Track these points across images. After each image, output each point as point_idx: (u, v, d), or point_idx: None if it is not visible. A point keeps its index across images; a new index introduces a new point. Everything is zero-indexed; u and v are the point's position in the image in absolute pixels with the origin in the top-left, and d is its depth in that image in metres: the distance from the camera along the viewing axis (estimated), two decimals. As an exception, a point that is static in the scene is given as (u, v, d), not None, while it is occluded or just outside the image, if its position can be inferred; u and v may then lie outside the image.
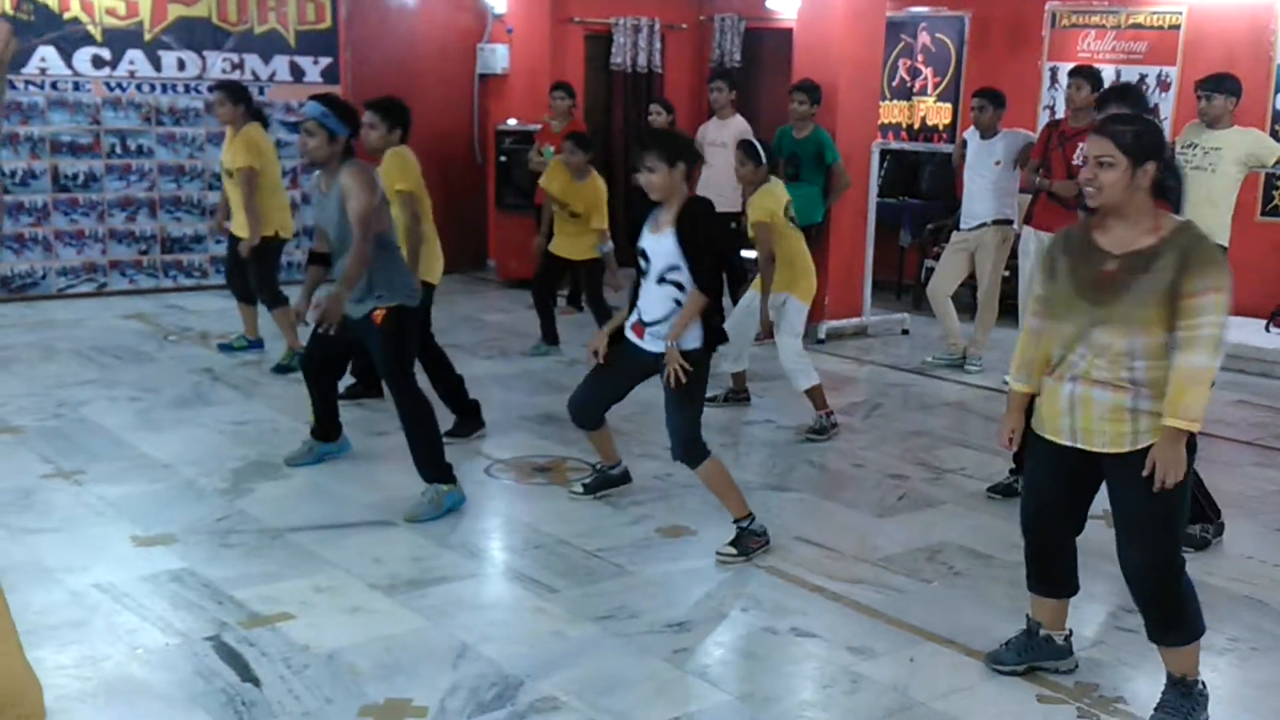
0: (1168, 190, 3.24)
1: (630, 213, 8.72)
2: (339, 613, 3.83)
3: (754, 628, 3.85)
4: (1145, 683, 3.57)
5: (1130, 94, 4.95)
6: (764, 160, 5.99)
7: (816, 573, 4.27)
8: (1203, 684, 3.32)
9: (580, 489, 5.01)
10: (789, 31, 8.58)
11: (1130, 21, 8.59)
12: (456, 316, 8.47)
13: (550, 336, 7.65)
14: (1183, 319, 3.04)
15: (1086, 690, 3.47)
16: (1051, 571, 3.55)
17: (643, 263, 4.44)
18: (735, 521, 4.42)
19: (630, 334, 4.54)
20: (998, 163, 7.13)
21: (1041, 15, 9.03)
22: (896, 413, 6.52)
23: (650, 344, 4.44)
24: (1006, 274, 7.46)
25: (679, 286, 4.35)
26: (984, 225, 7.19)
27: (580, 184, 7.34)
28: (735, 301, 5.81)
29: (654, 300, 4.41)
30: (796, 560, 4.38)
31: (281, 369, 6.98)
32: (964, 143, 7.38)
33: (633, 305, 4.55)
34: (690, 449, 4.38)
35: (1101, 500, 5.06)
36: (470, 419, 5.83)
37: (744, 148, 6.04)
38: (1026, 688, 3.48)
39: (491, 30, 10.45)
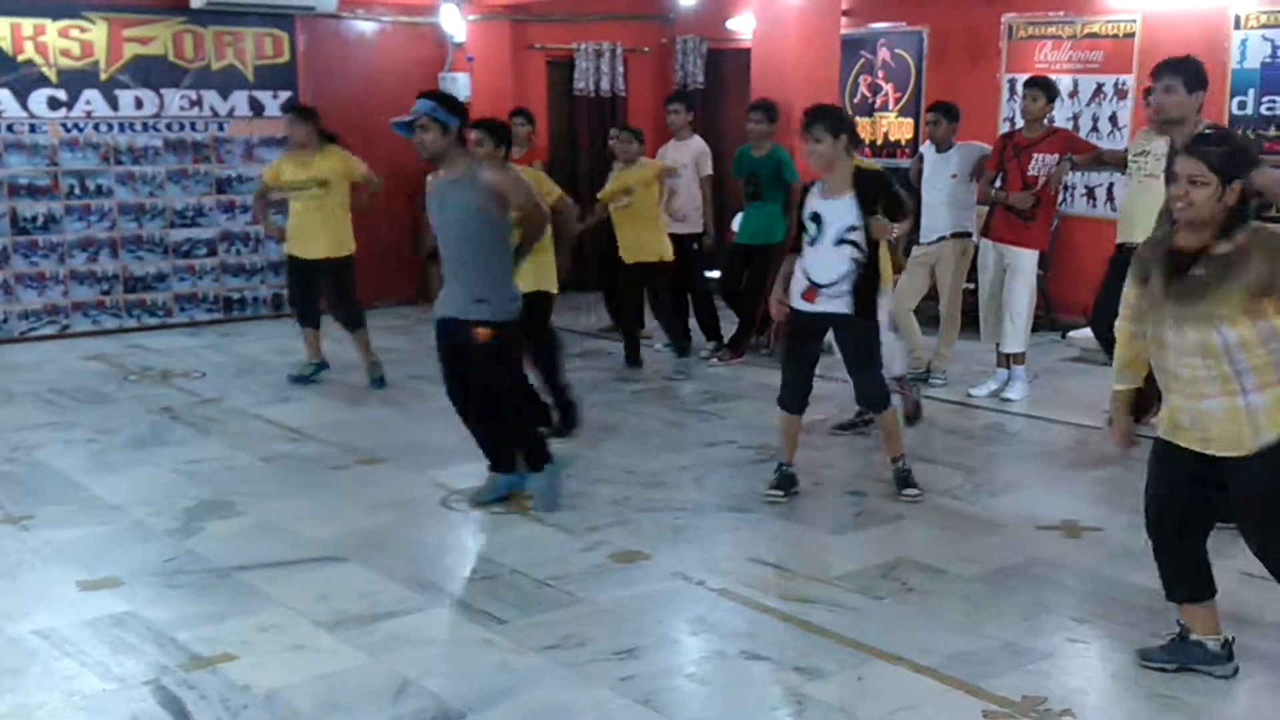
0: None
1: (599, 236, 8.67)
2: (281, 651, 3.77)
3: (703, 652, 3.81)
4: (1094, 695, 3.55)
5: (1185, 66, 5.07)
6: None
7: (769, 593, 4.23)
8: None
9: (780, 494, 5.19)
10: (750, 52, 8.60)
11: (1086, 31, 8.64)
12: (422, 346, 8.41)
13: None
14: None
15: (1034, 703, 3.43)
16: (1189, 575, 3.59)
17: (813, 226, 4.88)
18: (895, 460, 5.20)
19: (800, 303, 4.99)
20: (954, 176, 7.14)
21: (998, 28, 9.08)
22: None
23: (824, 304, 4.94)
24: (970, 286, 7.46)
25: (856, 246, 4.86)
26: (943, 239, 7.20)
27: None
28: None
29: (829, 262, 4.88)
30: (749, 581, 4.34)
31: (302, 379, 7.41)
32: (921, 157, 7.40)
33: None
34: (883, 397, 5.16)
35: (1071, 507, 5.06)
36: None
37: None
38: (973, 703, 3.44)
39: (452, 59, 10.46)
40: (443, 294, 5.05)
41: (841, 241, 4.87)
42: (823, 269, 4.91)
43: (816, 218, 4.90)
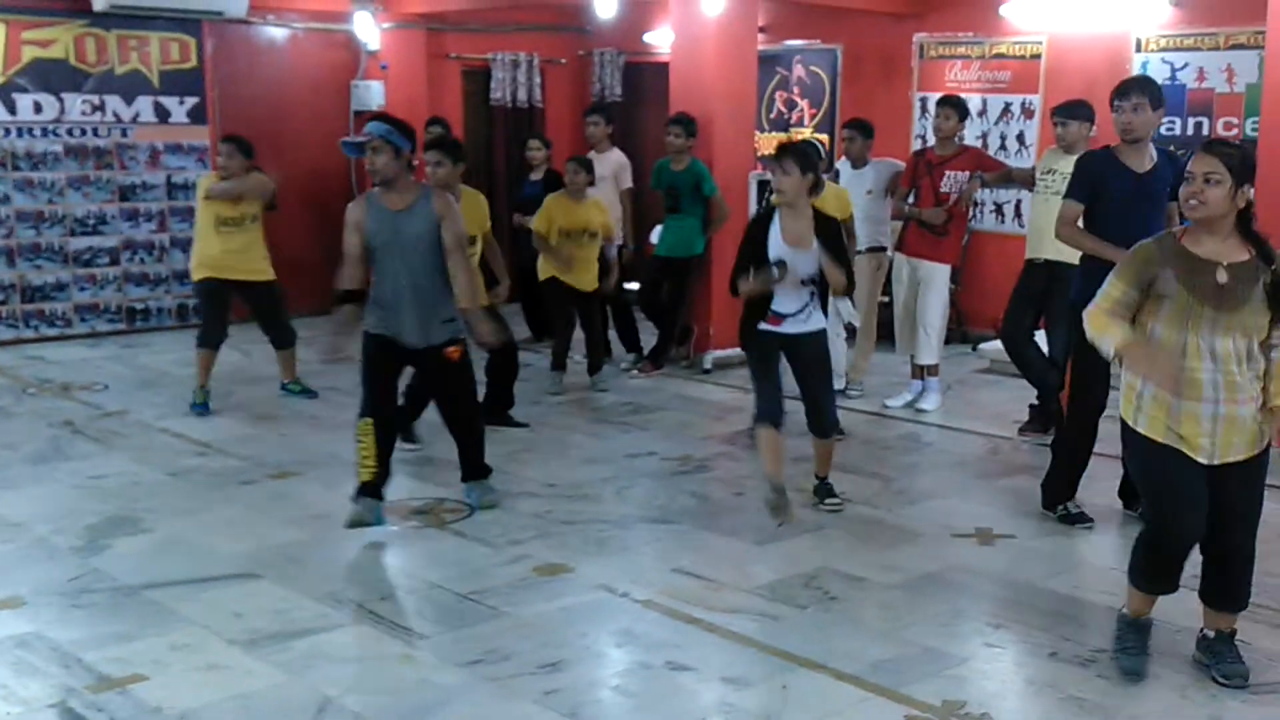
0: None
1: (518, 252, 8.61)
2: (195, 671, 3.66)
3: (629, 664, 3.79)
4: (1012, 699, 3.61)
5: (1151, 85, 5.07)
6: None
7: (694, 604, 4.23)
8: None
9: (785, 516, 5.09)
10: (668, 65, 8.64)
11: (994, 52, 8.86)
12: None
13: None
14: None
15: (953, 708, 3.48)
16: (1176, 573, 3.66)
17: (776, 270, 4.96)
18: (823, 479, 5.36)
19: (763, 324, 5.12)
20: (869, 192, 7.25)
21: (910, 47, 9.26)
22: (778, 440, 6.53)
23: (790, 328, 5.09)
24: (885, 300, 7.57)
25: (816, 283, 5.05)
26: (858, 253, 7.28)
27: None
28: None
29: (792, 296, 5.03)
30: (674, 593, 4.33)
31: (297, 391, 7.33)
32: (836, 173, 7.49)
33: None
34: (835, 421, 5.38)
35: (985, 514, 5.15)
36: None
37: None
38: (895, 709, 3.48)
39: (366, 67, 10.33)
40: (390, 321, 4.90)
41: (804, 282, 5.03)
42: (786, 302, 5.05)
43: (781, 264, 4.94)
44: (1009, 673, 3.80)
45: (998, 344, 6.89)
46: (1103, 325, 3.56)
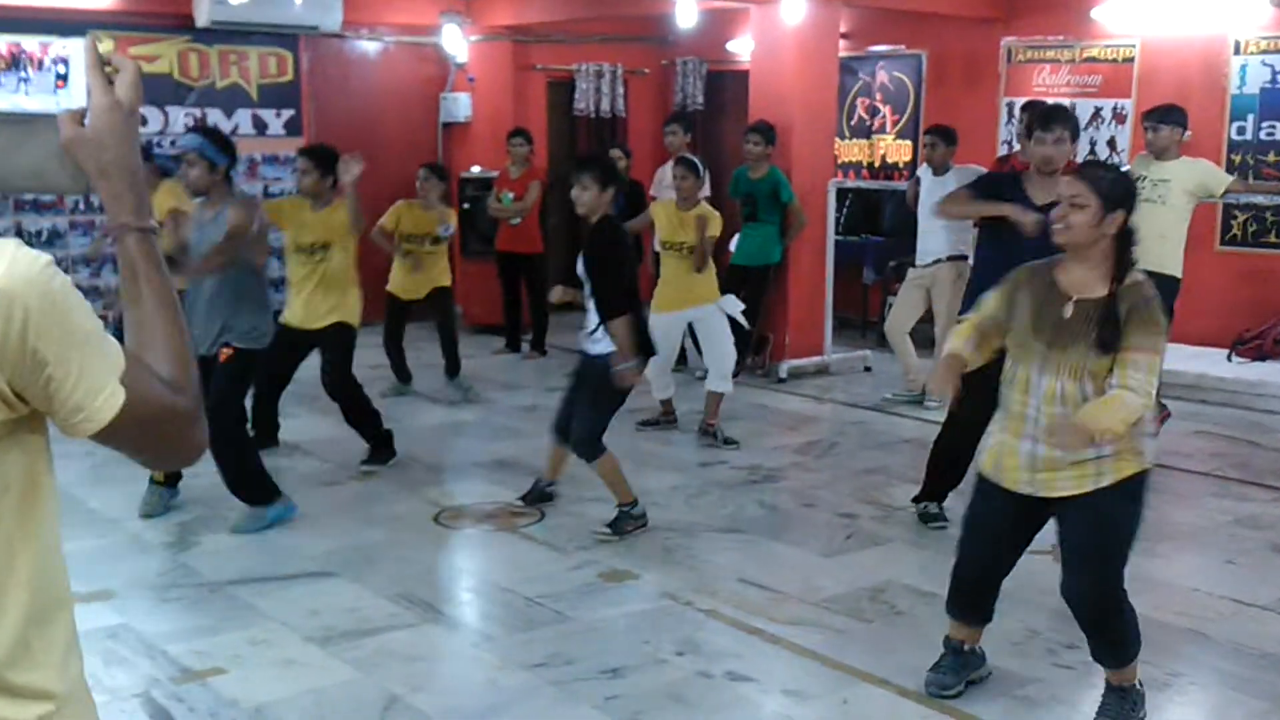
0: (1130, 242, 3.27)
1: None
2: (271, 666, 3.80)
3: (689, 672, 3.83)
4: (1083, 718, 3.55)
5: (1059, 114, 4.86)
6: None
7: (757, 615, 4.25)
8: (1140, 683, 3.46)
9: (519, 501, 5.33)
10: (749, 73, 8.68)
11: (1085, 55, 8.70)
12: (421, 363, 8.46)
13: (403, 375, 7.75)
14: (1120, 370, 3.12)
15: (1018, 728, 3.45)
16: (981, 604, 3.65)
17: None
18: (619, 506, 5.01)
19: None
20: (950, 199, 7.17)
21: (997, 51, 9.14)
22: (853, 451, 6.51)
23: (588, 346, 4.97)
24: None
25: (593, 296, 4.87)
26: (939, 261, 7.23)
27: (430, 213, 7.46)
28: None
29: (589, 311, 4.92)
30: (738, 603, 4.36)
31: None
32: (918, 180, 7.44)
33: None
34: (590, 446, 4.99)
35: (1046, 536, 5.07)
36: (382, 448, 6.08)
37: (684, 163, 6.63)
38: (957, 727, 3.46)
39: (454, 80, 10.53)
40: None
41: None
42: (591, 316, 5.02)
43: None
44: (1080, 695, 3.74)
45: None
46: (956, 333, 3.52)
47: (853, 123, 10.02)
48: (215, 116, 9.60)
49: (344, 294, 5.94)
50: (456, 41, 10.31)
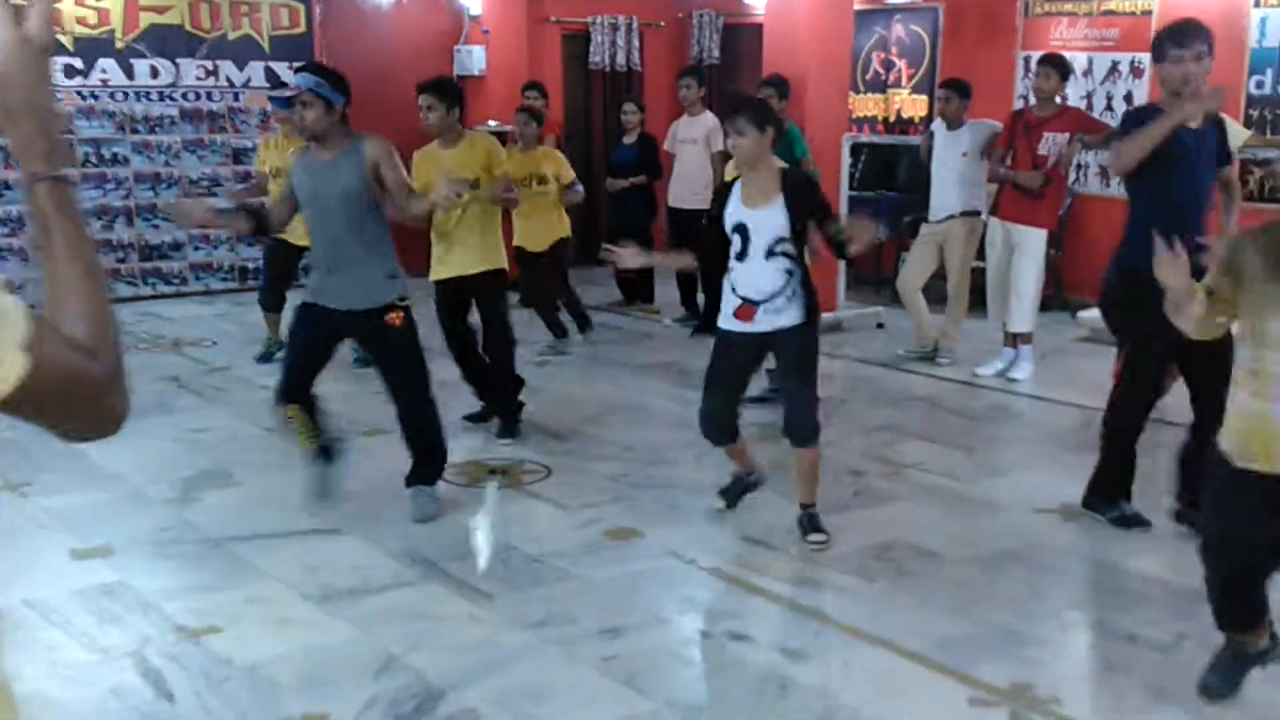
0: None
1: (611, 215, 8.66)
2: (267, 624, 3.79)
3: (689, 632, 3.80)
4: (1085, 684, 3.53)
5: (1192, 27, 4.34)
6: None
7: (760, 573, 4.21)
8: None
9: (722, 503, 4.80)
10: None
11: (1103, 9, 8.50)
12: (434, 318, 8.43)
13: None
14: None
15: (1021, 691, 3.40)
16: (1250, 608, 3.22)
17: (737, 239, 4.28)
18: (806, 507, 4.50)
19: (732, 323, 4.37)
20: (964, 154, 7.05)
21: (1014, 4, 8.94)
22: (863, 407, 6.45)
23: (763, 322, 4.30)
24: (979, 265, 7.38)
25: (789, 257, 4.25)
26: (952, 217, 7.12)
27: (531, 154, 7.32)
28: None
29: (761, 276, 4.26)
30: (742, 561, 4.32)
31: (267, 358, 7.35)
32: (931, 134, 7.31)
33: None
34: (816, 427, 4.40)
35: (1071, 490, 4.99)
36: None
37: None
38: (960, 689, 3.41)
39: (468, 32, 10.40)
40: (320, 285, 4.58)
41: (772, 254, 4.26)
42: (756, 283, 4.28)
43: (741, 229, 4.28)
44: (1084, 656, 3.71)
45: (1097, 312, 6.65)
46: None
47: (868, 77, 9.84)
48: (227, 69, 9.53)
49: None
50: (470, -7, 10.18)
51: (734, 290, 4.35)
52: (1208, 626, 3.82)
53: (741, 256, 4.30)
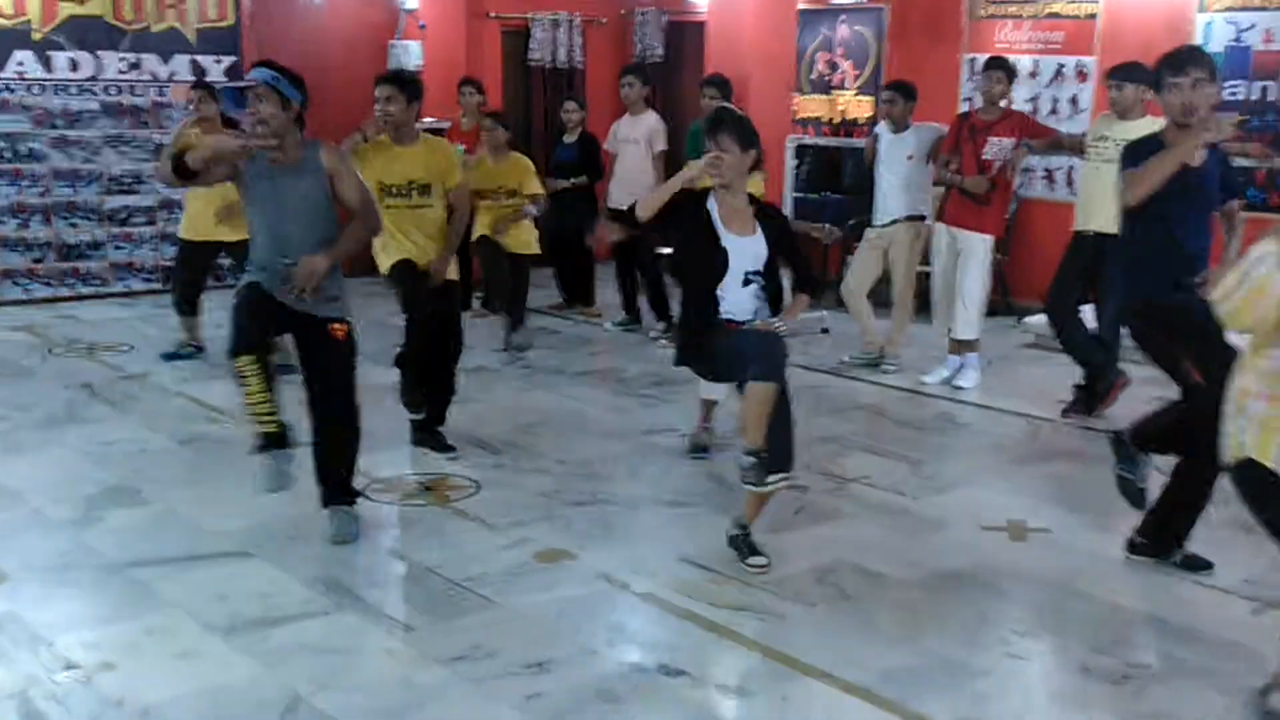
0: None
1: (551, 215, 8.40)
2: (166, 659, 3.51)
3: (619, 666, 3.58)
4: (1033, 717, 3.34)
5: (1190, 54, 4.26)
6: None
7: (697, 599, 4.00)
8: None
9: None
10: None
11: (1047, 11, 8.41)
12: (369, 320, 8.12)
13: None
14: None
15: (966, 728, 3.23)
16: None
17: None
18: (743, 527, 4.31)
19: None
20: (910, 157, 6.91)
21: (960, 6, 8.83)
22: (806, 418, 6.13)
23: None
24: (925, 270, 7.25)
25: (762, 286, 4.25)
26: (896, 222, 6.97)
27: (501, 164, 7.30)
28: None
29: (741, 299, 4.24)
30: (677, 585, 4.11)
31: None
32: (876, 137, 7.15)
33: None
34: (782, 368, 4.09)
35: (1019, 505, 4.84)
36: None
37: None
38: (901, 727, 3.24)
39: (404, 26, 10.10)
40: (268, 283, 4.29)
41: (748, 281, 4.24)
42: (738, 307, 4.25)
43: (723, 253, 4.22)
44: (1034, 689, 3.52)
45: (1044, 318, 6.54)
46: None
47: (812, 77, 9.68)
48: (151, 62, 9.15)
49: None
50: (405, -14, 9.88)
51: (719, 304, 4.26)
52: (1161, 655, 3.70)
53: (719, 278, 4.23)
